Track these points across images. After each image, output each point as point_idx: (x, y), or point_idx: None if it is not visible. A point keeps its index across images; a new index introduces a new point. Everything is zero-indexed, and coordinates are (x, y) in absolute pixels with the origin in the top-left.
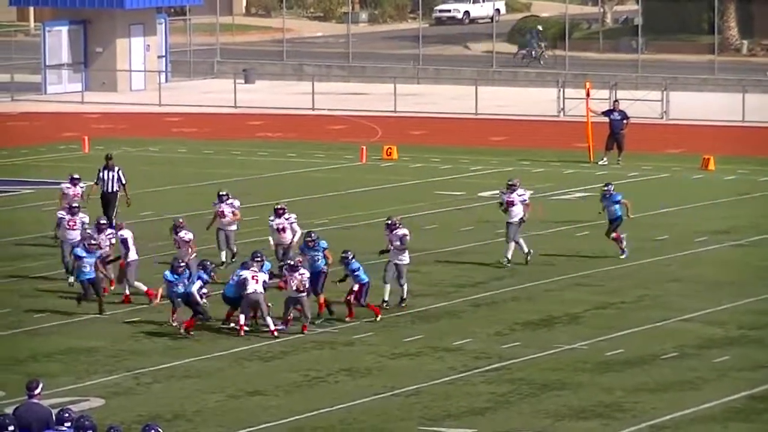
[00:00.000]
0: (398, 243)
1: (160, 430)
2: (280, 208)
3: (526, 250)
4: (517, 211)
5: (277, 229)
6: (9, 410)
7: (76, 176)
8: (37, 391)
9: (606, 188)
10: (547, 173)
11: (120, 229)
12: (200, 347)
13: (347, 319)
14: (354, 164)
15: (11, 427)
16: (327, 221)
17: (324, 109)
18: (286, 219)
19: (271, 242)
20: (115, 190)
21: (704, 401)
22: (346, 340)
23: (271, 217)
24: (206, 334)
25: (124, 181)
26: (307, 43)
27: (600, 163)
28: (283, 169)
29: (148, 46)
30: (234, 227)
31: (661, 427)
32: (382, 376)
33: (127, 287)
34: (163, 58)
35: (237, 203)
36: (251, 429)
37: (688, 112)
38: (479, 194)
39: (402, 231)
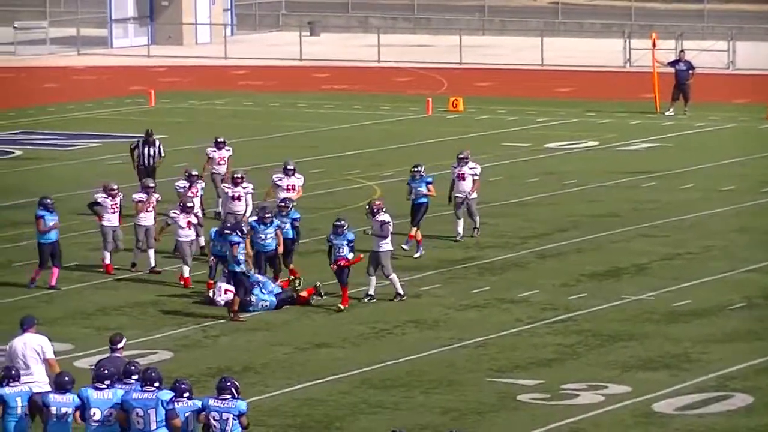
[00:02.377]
0: (378, 229)
1: (236, 383)
2: (239, 177)
3: (476, 225)
4: (469, 185)
5: (232, 197)
6: (81, 363)
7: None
8: (119, 345)
9: (415, 169)
10: (613, 124)
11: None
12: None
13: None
14: (420, 116)
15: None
16: (392, 173)
17: (389, 62)
18: (243, 188)
19: (221, 210)
20: (153, 164)
21: None
22: (413, 292)
23: (228, 185)
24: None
25: (163, 154)
26: None
27: (666, 113)
28: (349, 122)
29: None
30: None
31: (729, 378)
32: (449, 328)
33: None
34: (229, 11)
35: (301, 181)
36: (319, 381)
37: (755, 62)
38: (545, 146)
39: (382, 217)
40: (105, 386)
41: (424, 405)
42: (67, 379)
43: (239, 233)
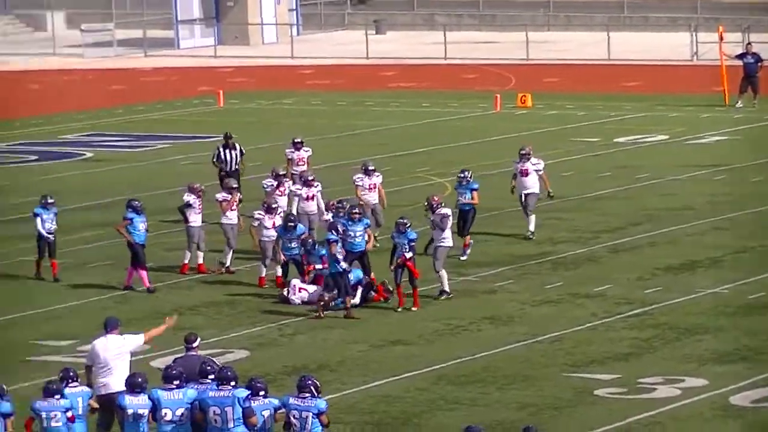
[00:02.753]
0: (439, 223)
1: (316, 381)
2: (311, 178)
3: (531, 229)
4: (533, 181)
5: (306, 197)
6: (157, 363)
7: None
8: (195, 344)
9: (462, 175)
10: (682, 117)
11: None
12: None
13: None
14: (488, 113)
15: (211, 376)
16: (457, 171)
17: (456, 59)
18: (315, 187)
19: (294, 211)
20: (236, 168)
21: None
22: (487, 288)
23: (298, 186)
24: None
25: (243, 152)
26: None
27: (736, 106)
28: (418, 119)
29: None
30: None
31: None
32: (524, 323)
33: None
34: (294, 11)
35: (380, 180)
36: (395, 378)
37: None
38: (615, 140)
39: (443, 211)
40: (174, 386)
41: (500, 401)
42: (140, 380)
43: (334, 232)
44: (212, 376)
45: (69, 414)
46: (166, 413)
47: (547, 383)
